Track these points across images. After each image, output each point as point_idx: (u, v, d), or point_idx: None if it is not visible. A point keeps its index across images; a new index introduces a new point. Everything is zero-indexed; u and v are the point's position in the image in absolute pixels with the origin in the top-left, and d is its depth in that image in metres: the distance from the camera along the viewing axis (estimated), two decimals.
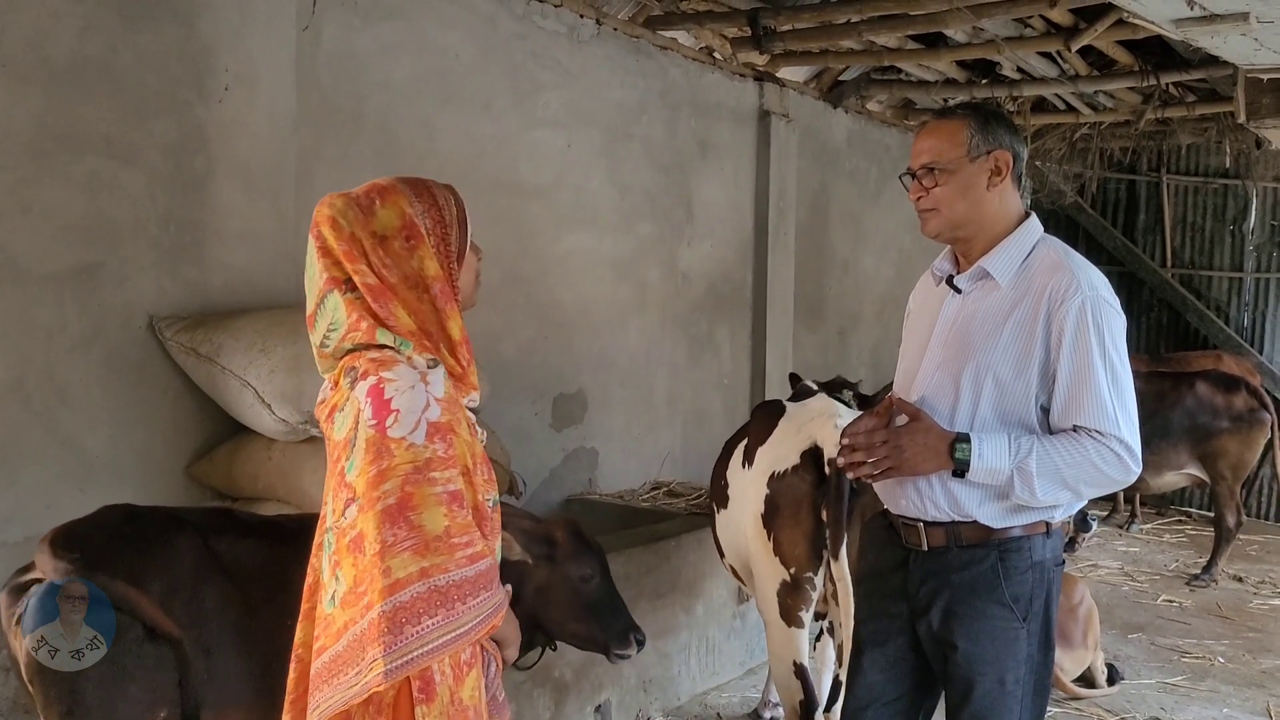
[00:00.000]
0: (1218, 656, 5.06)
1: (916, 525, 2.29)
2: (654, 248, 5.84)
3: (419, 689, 1.73)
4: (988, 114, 2.31)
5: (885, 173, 7.99)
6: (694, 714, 4.35)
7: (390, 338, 1.80)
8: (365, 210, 1.83)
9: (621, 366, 5.67)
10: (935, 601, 2.27)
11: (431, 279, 1.83)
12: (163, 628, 2.19)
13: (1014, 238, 2.26)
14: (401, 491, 1.69)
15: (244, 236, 3.80)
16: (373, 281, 1.80)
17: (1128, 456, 2.10)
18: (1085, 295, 2.12)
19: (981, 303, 2.26)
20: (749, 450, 3.56)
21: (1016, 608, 2.21)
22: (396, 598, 1.65)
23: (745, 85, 6.41)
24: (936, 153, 2.27)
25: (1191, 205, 8.97)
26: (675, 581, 4.35)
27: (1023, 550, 2.21)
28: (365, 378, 1.76)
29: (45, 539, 2.23)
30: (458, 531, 1.71)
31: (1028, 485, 2.09)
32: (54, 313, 3.32)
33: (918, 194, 2.31)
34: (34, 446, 3.30)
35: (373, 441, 1.71)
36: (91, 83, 3.37)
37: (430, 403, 1.75)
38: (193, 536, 2.31)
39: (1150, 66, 6.20)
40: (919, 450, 2.16)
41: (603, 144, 5.43)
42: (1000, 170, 2.25)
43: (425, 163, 4.42)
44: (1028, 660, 2.23)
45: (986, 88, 6.80)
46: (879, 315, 8.04)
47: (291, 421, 3.26)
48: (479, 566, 1.73)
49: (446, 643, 1.68)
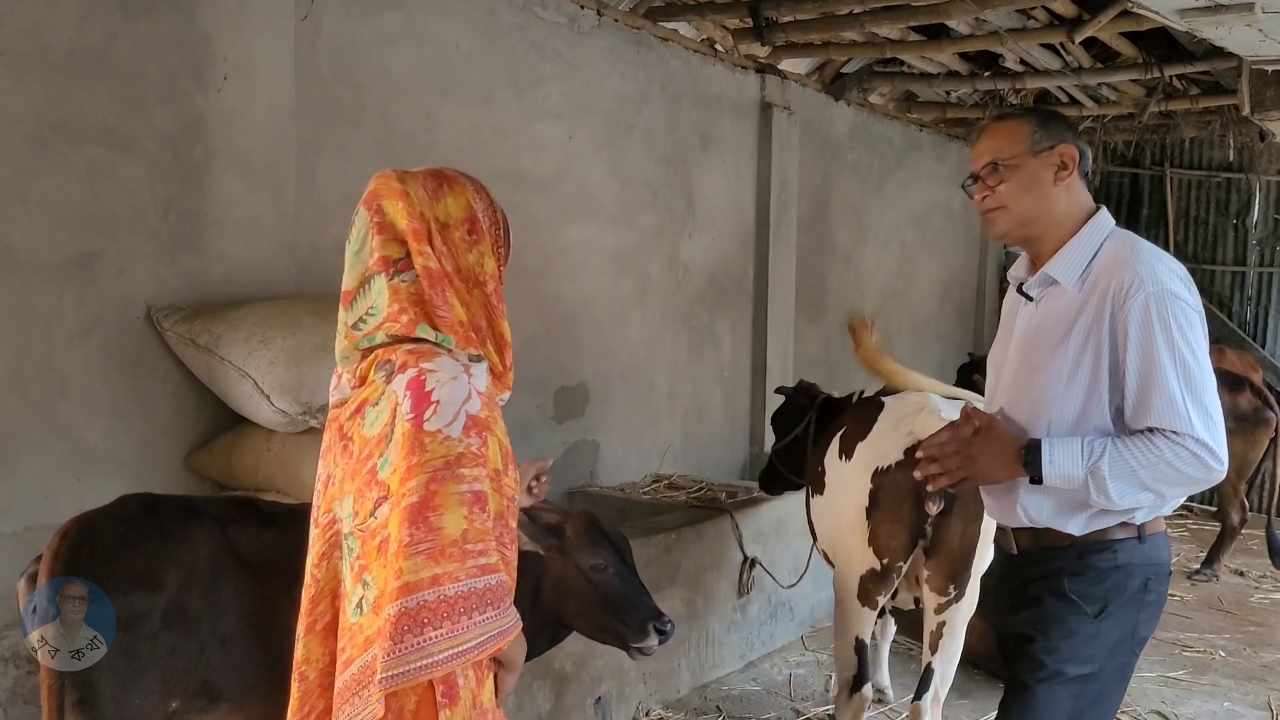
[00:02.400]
0: (1219, 651, 5.06)
1: (1007, 530, 2.32)
2: (655, 240, 5.82)
3: (442, 693, 1.67)
4: (1046, 113, 2.29)
5: (887, 166, 7.97)
6: (694, 706, 4.34)
7: (431, 334, 1.73)
8: (432, 194, 1.79)
9: (623, 359, 5.66)
10: (1020, 601, 2.27)
11: (489, 276, 1.81)
12: (179, 618, 2.19)
13: (1078, 238, 2.21)
14: (426, 489, 1.61)
15: (243, 227, 3.78)
16: (434, 266, 1.75)
17: (1206, 455, 2.01)
18: (1148, 291, 2.05)
19: (1051, 309, 2.22)
20: (847, 443, 3.61)
21: (1087, 604, 2.16)
22: (404, 602, 1.58)
23: (747, 77, 6.38)
24: (998, 150, 2.23)
25: (1195, 199, 8.95)
26: (675, 574, 4.35)
27: (1105, 553, 2.17)
28: (404, 370, 1.69)
29: (62, 528, 2.22)
30: (474, 538, 1.64)
31: (1102, 489, 2.03)
32: (52, 303, 3.31)
33: (983, 194, 2.26)
34: (32, 437, 3.29)
35: (408, 435, 1.64)
36: (90, 72, 3.36)
37: (472, 394, 1.69)
38: (211, 527, 2.29)
39: (1154, 59, 6.18)
40: (991, 459, 2.15)
41: (604, 136, 5.41)
42: (1066, 165, 2.21)
43: (426, 155, 4.40)
44: (1092, 660, 2.17)
45: (989, 80, 6.78)
46: (881, 309, 8.01)
47: (291, 413, 3.24)
48: (488, 580, 1.65)
49: (446, 659, 1.60)
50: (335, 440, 1.83)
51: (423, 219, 1.76)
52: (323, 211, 4.06)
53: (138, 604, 2.14)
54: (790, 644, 5.09)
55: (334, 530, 1.79)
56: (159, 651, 2.16)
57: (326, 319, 3.38)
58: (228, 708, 2.29)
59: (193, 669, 2.21)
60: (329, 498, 1.82)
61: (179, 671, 2.19)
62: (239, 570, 2.29)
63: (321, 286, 4.03)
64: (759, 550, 4.77)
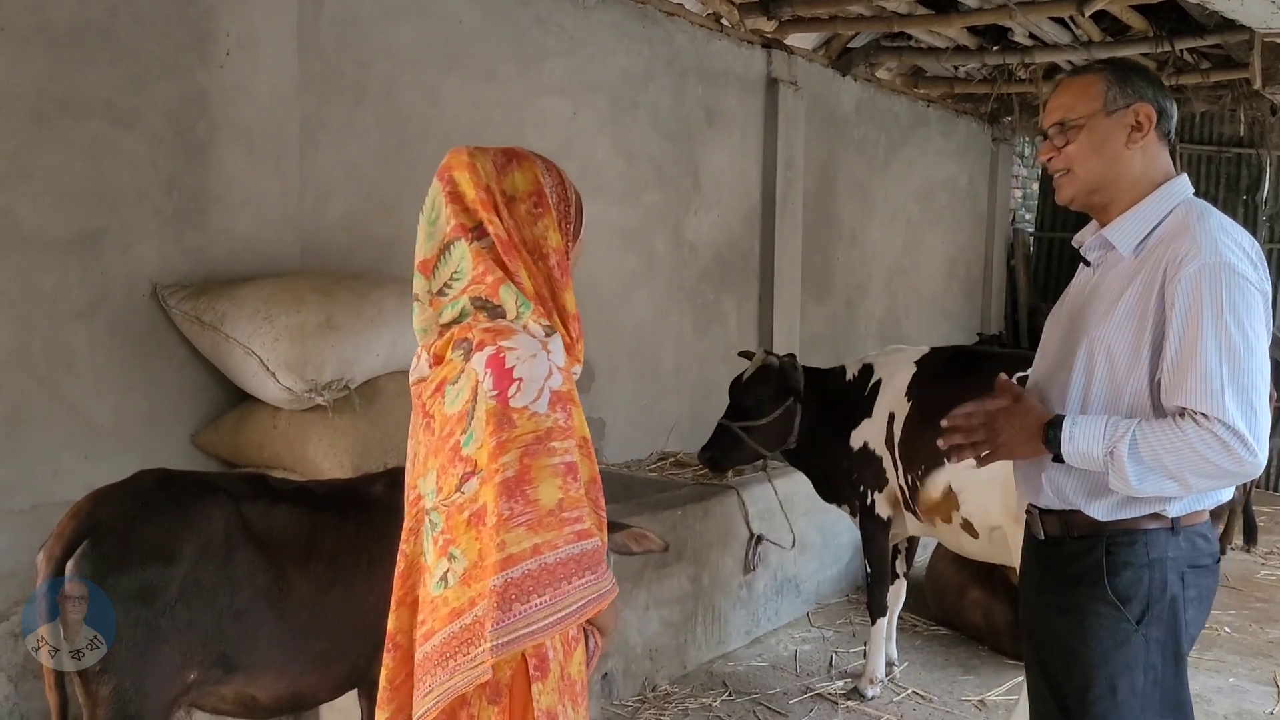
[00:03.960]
0: (1225, 627, 5.06)
1: (1034, 513, 2.20)
2: (660, 217, 5.80)
3: (534, 666, 1.71)
4: (1127, 66, 2.13)
5: (894, 142, 7.92)
6: (700, 683, 4.36)
7: (514, 294, 1.76)
8: (500, 167, 1.83)
9: (628, 337, 5.65)
10: (1054, 599, 2.14)
11: (552, 249, 1.84)
12: (194, 591, 2.24)
13: (1145, 203, 2.06)
14: (520, 464, 1.65)
15: (247, 203, 3.77)
16: (504, 236, 1.79)
17: (1236, 444, 1.84)
18: (1204, 262, 1.90)
19: (1105, 277, 2.10)
20: None
21: (1127, 608, 2.01)
22: (509, 573, 1.62)
23: (753, 52, 6.34)
24: (1068, 108, 2.10)
25: (1205, 175, 8.89)
26: (681, 551, 4.35)
27: (1135, 545, 2.02)
28: (481, 348, 1.72)
29: (79, 502, 2.27)
30: (569, 506, 1.67)
31: (1119, 472, 1.90)
32: (57, 279, 3.31)
33: (1049, 154, 2.13)
34: (39, 414, 3.29)
35: (494, 412, 1.66)
36: (92, 47, 3.34)
37: (553, 370, 1.73)
38: (225, 503, 2.34)
39: (1164, 32, 6.11)
40: (1015, 433, 2.04)
41: (609, 112, 5.38)
42: (1141, 125, 2.05)
43: (430, 131, 4.39)
44: (1147, 669, 2.02)
45: (998, 54, 6.72)
46: (887, 285, 7.99)
47: (296, 390, 3.24)
48: (584, 545, 1.68)
49: (551, 624, 1.64)
50: (419, 419, 1.87)
51: (489, 191, 1.80)
52: (326, 187, 4.04)
53: (155, 577, 2.19)
54: (796, 620, 5.10)
55: (419, 507, 1.83)
56: (176, 624, 2.21)
57: (330, 295, 3.38)
58: (243, 678, 2.35)
59: (209, 641, 2.27)
60: (414, 475, 1.86)
61: (195, 643, 2.24)
62: (251, 545, 2.34)
63: (324, 262, 4.03)
64: (765, 527, 4.77)
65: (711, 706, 4.11)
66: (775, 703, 4.17)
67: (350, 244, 4.09)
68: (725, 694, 4.24)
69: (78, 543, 2.17)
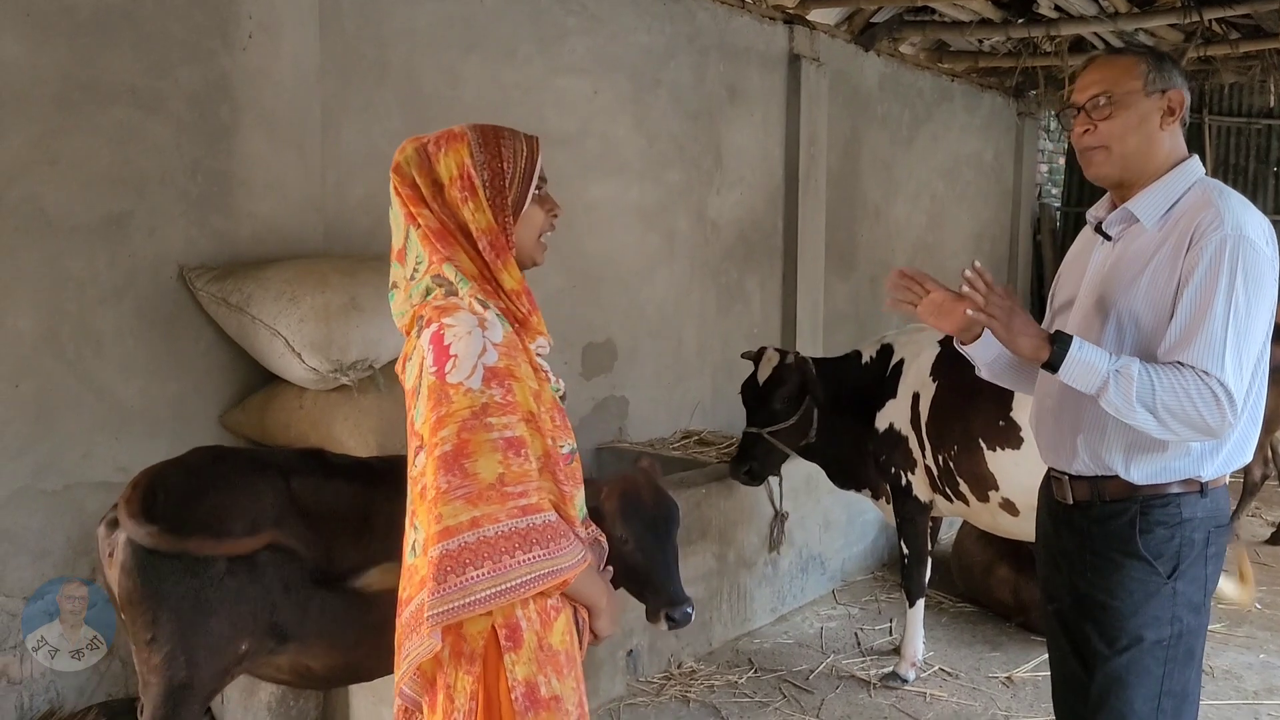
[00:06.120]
0: (1255, 603, 5.02)
1: (1063, 479, 2.25)
2: (682, 196, 5.78)
3: (505, 636, 1.73)
4: (1160, 54, 2.19)
5: (918, 117, 7.85)
6: (725, 660, 4.37)
7: (453, 271, 1.81)
8: (431, 156, 1.87)
9: (650, 316, 5.64)
10: (1081, 558, 2.21)
11: (481, 231, 1.84)
12: (244, 565, 2.34)
13: (1165, 179, 2.14)
14: (458, 438, 1.68)
15: (270, 186, 3.79)
16: (435, 225, 1.84)
17: (1225, 402, 1.95)
18: (1226, 233, 1.99)
19: (1128, 248, 2.16)
20: None
21: (1159, 564, 2.12)
22: (445, 544, 1.65)
23: (775, 29, 6.29)
24: (1110, 83, 2.13)
25: (1234, 147, 8.77)
26: (706, 529, 4.36)
27: (1168, 506, 2.12)
28: (429, 325, 1.77)
29: (134, 480, 2.38)
30: (512, 480, 1.69)
31: (1124, 390, 1.96)
32: (85, 263, 3.34)
33: (1084, 127, 2.16)
34: (69, 397, 3.34)
35: (434, 388, 1.71)
36: (116, 32, 3.36)
37: (487, 347, 1.74)
38: (274, 479, 2.44)
39: (1193, 2, 6.02)
40: (1026, 323, 2.07)
41: (630, 91, 5.36)
42: (1174, 111, 2.14)
43: (451, 111, 4.38)
44: (1173, 621, 2.13)
45: (1023, 28, 6.64)
46: (911, 263, 7.90)
47: (321, 370, 3.27)
48: (531, 520, 1.69)
49: (492, 596, 1.66)
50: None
51: (414, 184, 1.86)
52: (348, 169, 4.06)
53: (204, 550, 2.30)
54: (822, 597, 5.11)
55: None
56: (225, 596, 2.31)
57: (353, 276, 3.40)
58: (295, 647, 2.45)
59: (259, 613, 2.37)
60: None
61: (246, 615, 2.35)
62: (299, 519, 2.44)
63: (348, 244, 4.04)
64: (789, 505, 4.77)
65: (737, 684, 4.13)
66: (801, 680, 4.18)
67: (372, 226, 4.11)
68: (751, 671, 4.25)
69: (135, 515, 2.28)
